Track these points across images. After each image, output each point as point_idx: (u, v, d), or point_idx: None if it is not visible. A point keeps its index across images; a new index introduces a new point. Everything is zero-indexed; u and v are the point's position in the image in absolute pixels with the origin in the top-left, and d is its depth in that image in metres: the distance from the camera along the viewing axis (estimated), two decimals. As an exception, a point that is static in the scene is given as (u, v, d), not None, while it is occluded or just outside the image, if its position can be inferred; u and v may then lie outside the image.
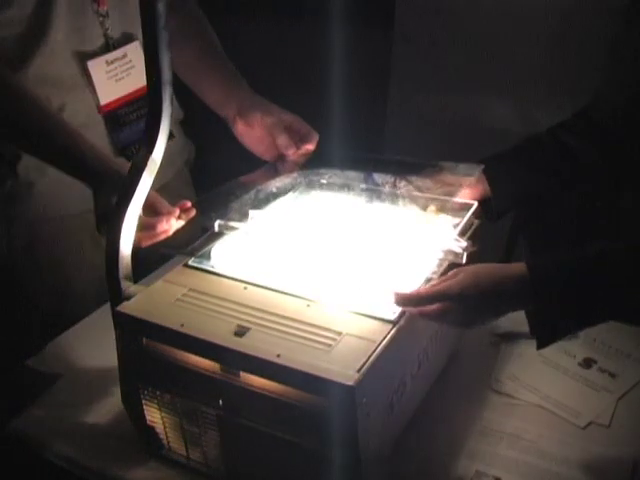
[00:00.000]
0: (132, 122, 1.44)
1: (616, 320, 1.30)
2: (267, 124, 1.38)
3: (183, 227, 1.17)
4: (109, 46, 1.41)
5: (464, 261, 1.05)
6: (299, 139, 1.37)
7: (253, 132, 1.40)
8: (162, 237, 1.15)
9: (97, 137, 1.41)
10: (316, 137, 1.38)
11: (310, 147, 1.37)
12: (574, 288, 0.92)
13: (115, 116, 1.43)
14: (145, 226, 1.11)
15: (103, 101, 1.40)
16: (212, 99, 1.47)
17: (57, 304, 1.47)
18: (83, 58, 1.37)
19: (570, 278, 0.93)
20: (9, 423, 1.13)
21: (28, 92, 1.27)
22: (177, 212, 1.15)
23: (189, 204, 1.17)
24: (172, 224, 1.15)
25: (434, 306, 0.96)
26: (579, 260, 0.94)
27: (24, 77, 1.30)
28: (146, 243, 1.13)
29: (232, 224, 1.17)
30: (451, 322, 1.03)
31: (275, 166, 1.40)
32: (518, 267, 0.95)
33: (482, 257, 1.11)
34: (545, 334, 0.97)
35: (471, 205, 1.23)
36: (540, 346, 0.97)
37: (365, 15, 2.09)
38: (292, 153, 1.36)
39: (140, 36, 1.43)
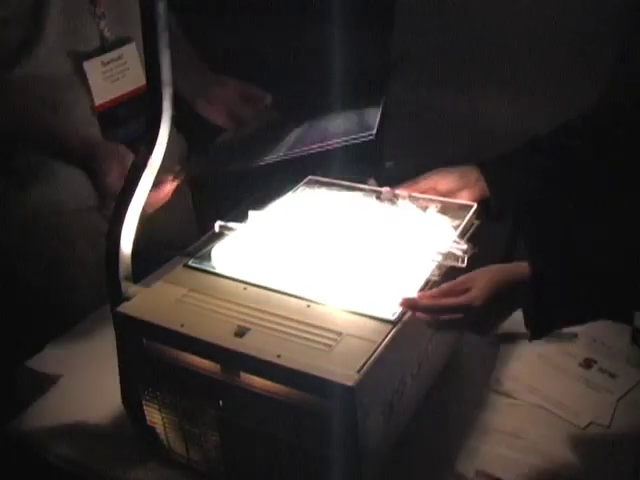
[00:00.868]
0: (126, 123, 1.45)
1: (615, 320, 1.30)
2: (223, 96, 1.50)
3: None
4: (105, 47, 1.41)
5: (465, 265, 1.05)
6: (254, 102, 1.50)
7: (212, 106, 1.51)
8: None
9: (91, 137, 1.42)
10: (268, 95, 1.50)
11: (265, 102, 1.50)
12: (572, 281, 0.93)
13: (109, 116, 1.43)
14: None
15: (98, 101, 1.41)
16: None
17: (53, 300, 1.48)
18: (79, 59, 1.37)
19: (569, 271, 0.94)
20: (9, 423, 1.13)
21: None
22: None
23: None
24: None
25: (445, 316, 0.96)
26: (579, 256, 0.95)
27: (20, 76, 1.31)
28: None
29: (232, 225, 1.17)
30: (460, 330, 1.03)
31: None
32: (522, 267, 0.96)
33: (482, 257, 1.11)
34: (539, 325, 0.97)
35: (471, 206, 1.23)
36: (533, 337, 0.98)
37: (364, 15, 2.09)
38: (251, 115, 1.49)
39: (136, 38, 1.44)
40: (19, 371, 1.26)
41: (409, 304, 0.97)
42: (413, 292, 1.01)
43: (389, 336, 0.94)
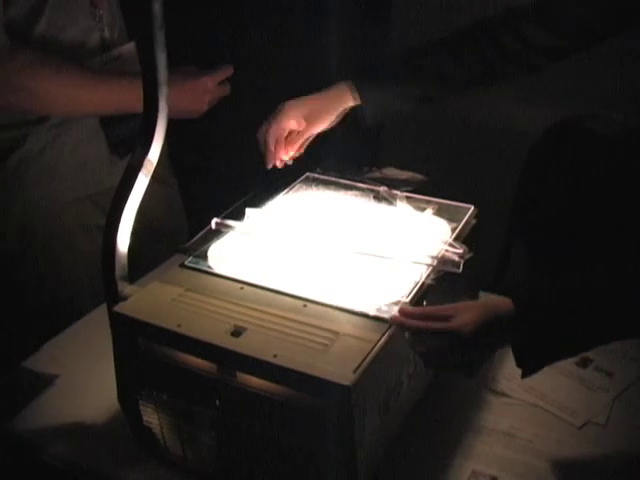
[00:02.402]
0: (125, 120, 1.45)
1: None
2: (191, 91, 1.42)
3: None
4: (105, 47, 1.42)
5: (460, 270, 1.05)
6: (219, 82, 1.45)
7: (180, 104, 1.39)
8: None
9: (91, 132, 1.43)
10: (228, 67, 1.45)
11: (228, 72, 1.45)
12: (558, 320, 0.92)
13: (108, 115, 1.44)
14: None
15: None
16: (120, 105, 1.40)
17: (50, 295, 1.48)
18: (80, 58, 1.37)
19: (554, 311, 0.92)
20: (6, 423, 1.13)
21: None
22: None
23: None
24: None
25: (431, 339, 0.94)
26: (563, 292, 0.93)
27: None
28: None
29: (229, 223, 1.17)
30: (446, 363, 1.01)
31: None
32: (508, 303, 0.93)
33: (478, 261, 1.11)
34: (530, 365, 0.96)
35: (468, 209, 1.24)
36: (525, 375, 0.97)
37: (361, 14, 2.09)
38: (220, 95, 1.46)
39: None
40: (16, 371, 1.26)
41: (398, 322, 0.95)
42: (407, 293, 1.01)
43: (385, 335, 0.94)
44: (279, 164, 1.34)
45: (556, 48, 1.29)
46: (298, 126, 1.31)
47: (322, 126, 1.33)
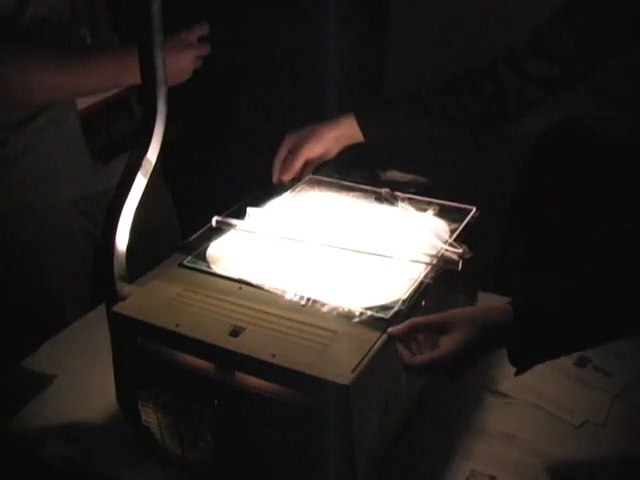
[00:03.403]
0: (106, 126, 1.46)
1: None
2: (173, 49, 1.35)
3: None
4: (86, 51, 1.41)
5: (459, 269, 1.05)
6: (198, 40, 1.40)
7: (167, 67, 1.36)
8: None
9: (73, 137, 1.42)
10: (204, 24, 1.40)
11: (205, 32, 1.41)
12: (554, 321, 0.92)
13: (92, 120, 1.44)
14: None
15: (81, 106, 1.41)
16: (97, 82, 1.36)
17: (32, 298, 1.48)
18: None
19: (550, 312, 0.92)
20: (5, 424, 1.13)
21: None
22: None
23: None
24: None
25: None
26: (560, 293, 0.93)
27: None
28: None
29: (229, 221, 1.17)
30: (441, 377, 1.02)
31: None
32: (500, 311, 0.94)
33: (478, 261, 1.11)
34: (524, 363, 0.96)
35: (470, 210, 1.24)
36: (518, 373, 0.96)
37: (358, 15, 2.09)
38: (202, 53, 1.40)
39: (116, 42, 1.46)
40: (15, 371, 1.26)
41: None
42: (406, 291, 1.01)
43: (384, 335, 0.94)
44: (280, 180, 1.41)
45: (555, 78, 1.31)
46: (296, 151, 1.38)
47: (318, 152, 1.39)
